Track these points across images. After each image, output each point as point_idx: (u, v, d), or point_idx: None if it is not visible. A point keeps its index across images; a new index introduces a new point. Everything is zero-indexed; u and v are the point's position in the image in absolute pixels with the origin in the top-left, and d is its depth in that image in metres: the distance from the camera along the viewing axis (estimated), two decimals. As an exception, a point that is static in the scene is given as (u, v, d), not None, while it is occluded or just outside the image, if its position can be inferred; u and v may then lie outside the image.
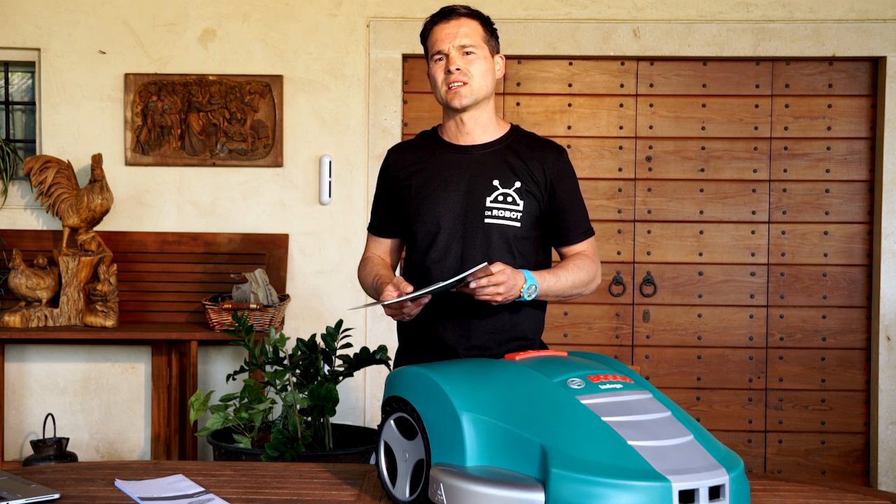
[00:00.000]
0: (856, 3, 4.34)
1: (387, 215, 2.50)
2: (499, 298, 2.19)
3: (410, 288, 2.19)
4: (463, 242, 2.35)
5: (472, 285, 2.15)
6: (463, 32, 2.34)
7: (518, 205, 2.35)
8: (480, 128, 2.41)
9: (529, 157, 2.38)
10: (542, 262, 2.42)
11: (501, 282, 2.16)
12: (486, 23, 2.40)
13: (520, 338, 2.40)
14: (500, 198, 2.35)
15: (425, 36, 2.41)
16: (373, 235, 2.56)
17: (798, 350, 4.48)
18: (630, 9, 4.37)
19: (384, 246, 2.55)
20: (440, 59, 2.36)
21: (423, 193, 2.39)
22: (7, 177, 4.39)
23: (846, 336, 4.47)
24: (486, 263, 2.15)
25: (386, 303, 2.18)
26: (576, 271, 2.36)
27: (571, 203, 2.41)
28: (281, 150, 4.38)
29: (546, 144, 2.43)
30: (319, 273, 4.41)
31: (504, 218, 2.34)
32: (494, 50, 2.41)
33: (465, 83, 2.33)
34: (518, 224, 2.35)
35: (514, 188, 2.35)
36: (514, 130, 2.45)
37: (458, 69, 2.33)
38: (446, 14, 2.37)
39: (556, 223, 2.41)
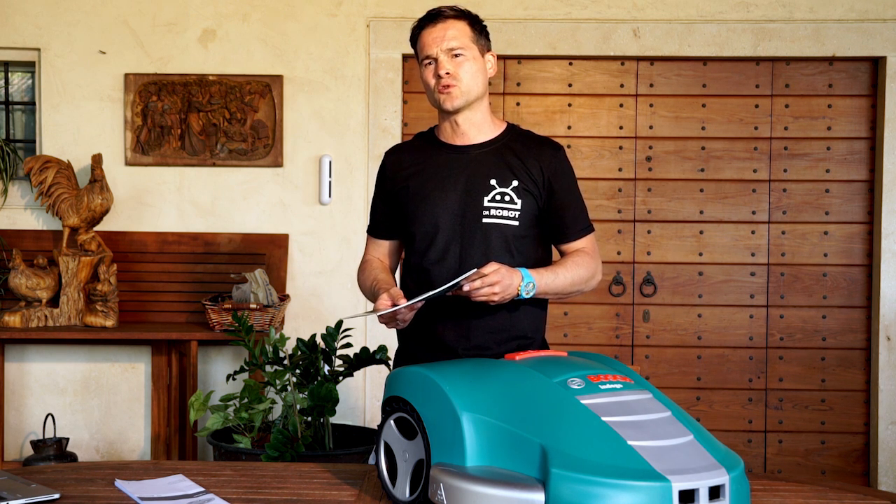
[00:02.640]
0: (856, 3, 4.34)
1: (385, 217, 2.50)
2: (495, 298, 2.19)
3: (404, 300, 2.19)
4: (461, 243, 2.35)
5: (466, 288, 2.15)
6: (450, 35, 2.33)
7: (516, 203, 2.34)
8: (475, 128, 2.40)
9: (526, 154, 2.37)
10: (541, 261, 2.42)
11: (496, 282, 2.16)
12: (475, 22, 2.39)
13: (519, 337, 2.39)
14: (498, 197, 2.34)
15: (415, 40, 2.41)
16: (372, 238, 2.57)
17: (798, 350, 4.48)
18: (630, 9, 4.37)
19: (383, 248, 2.55)
20: (430, 64, 2.35)
21: (420, 195, 2.39)
22: (7, 177, 4.39)
23: (846, 336, 4.47)
24: (475, 269, 2.16)
25: (379, 313, 2.18)
26: (574, 268, 2.36)
27: (569, 200, 2.40)
28: (281, 150, 4.38)
29: (543, 142, 2.42)
30: (319, 273, 4.41)
31: (502, 217, 2.34)
32: (485, 48, 2.40)
33: (454, 85, 2.33)
34: (516, 223, 2.35)
35: (511, 187, 2.35)
36: (511, 129, 2.45)
37: (447, 73, 2.33)
38: (433, 17, 2.37)
39: (554, 220, 2.40)
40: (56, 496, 1.88)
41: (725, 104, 4.47)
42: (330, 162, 4.37)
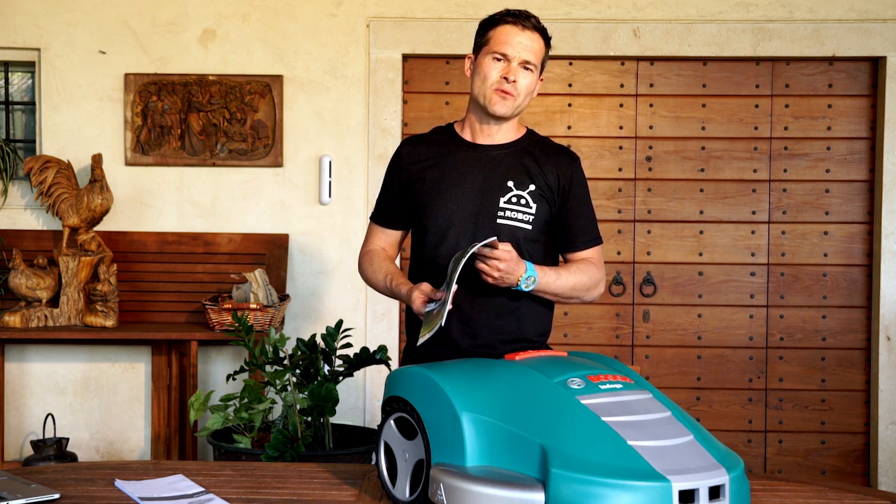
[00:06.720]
0: (856, 3, 4.34)
1: (396, 207, 2.51)
2: (495, 275, 2.21)
3: (440, 294, 2.19)
4: (473, 241, 2.36)
5: (475, 249, 2.14)
6: (532, 48, 2.35)
7: (531, 208, 2.37)
8: (502, 132, 2.44)
9: (544, 161, 2.41)
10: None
11: (503, 259, 2.19)
12: (548, 43, 2.42)
13: (525, 339, 2.42)
14: (514, 199, 2.37)
15: (490, 26, 2.39)
16: (378, 226, 2.56)
17: (798, 350, 4.48)
18: (630, 9, 4.37)
19: (389, 237, 2.56)
20: (499, 60, 2.36)
21: (436, 189, 2.40)
22: (7, 177, 4.39)
23: (846, 336, 4.47)
24: (495, 237, 2.18)
25: (434, 330, 2.15)
26: (578, 274, 2.39)
27: (581, 210, 2.44)
28: (281, 150, 4.38)
29: (561, 150, 2.46)
30: (319, 273, 4.41)
31: (516, 220, 2.37)
32: (542, 70, 2.43)
33: (513, 95, 2.35)
34: (529, 227, 2.37)
35: (527, 191, 2.38)
36: (530, 134, 2.48)
37: (514, 81, 2.34)
38: (522, 19, 2.36)
39: (564, 228, 2.43)
40: (56, 496, 1.88)
41: (725, 104, 4.47)
42: (330, 162, 4.37)
